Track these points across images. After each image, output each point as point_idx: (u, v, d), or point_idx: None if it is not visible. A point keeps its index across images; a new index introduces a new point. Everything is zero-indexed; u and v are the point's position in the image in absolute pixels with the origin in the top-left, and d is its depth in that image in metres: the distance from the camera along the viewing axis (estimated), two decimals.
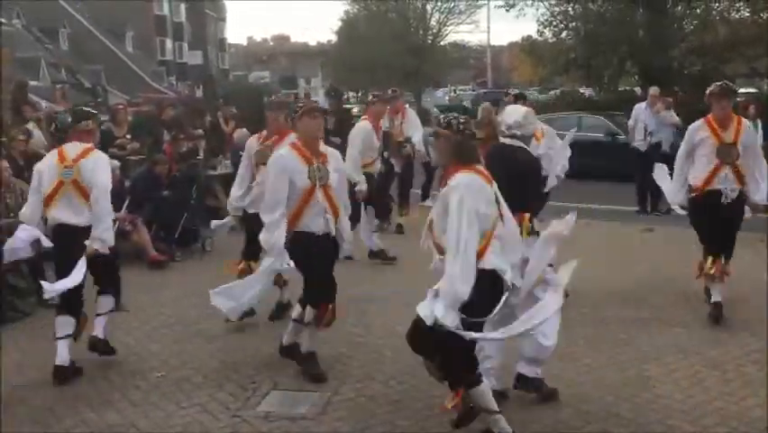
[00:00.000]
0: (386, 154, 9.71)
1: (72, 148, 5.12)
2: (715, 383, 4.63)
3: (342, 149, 11.20)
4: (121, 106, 11.15)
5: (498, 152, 4.51)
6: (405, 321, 5.72)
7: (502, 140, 4.62)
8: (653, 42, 19.91)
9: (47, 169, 5.10)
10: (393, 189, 9.93)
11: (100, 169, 5.06)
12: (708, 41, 20.82)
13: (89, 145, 5.16)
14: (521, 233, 4.20)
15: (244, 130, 9.94)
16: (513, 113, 4.65)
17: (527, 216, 4.36)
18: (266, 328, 5.92)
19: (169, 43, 53.12)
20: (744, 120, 6.01)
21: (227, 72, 62.59)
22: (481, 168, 3.89)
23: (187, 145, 9.98)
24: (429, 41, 44.87)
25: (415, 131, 9.58)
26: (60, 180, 5.01)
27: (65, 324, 5.02)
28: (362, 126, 8.15)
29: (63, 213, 5.01)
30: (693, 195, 5.93)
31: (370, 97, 9.56)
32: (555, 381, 4.72)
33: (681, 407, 4.32)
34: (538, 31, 22.80)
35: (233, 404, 4.55)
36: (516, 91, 7.94)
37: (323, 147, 4.98)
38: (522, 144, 4.55)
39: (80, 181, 4.99)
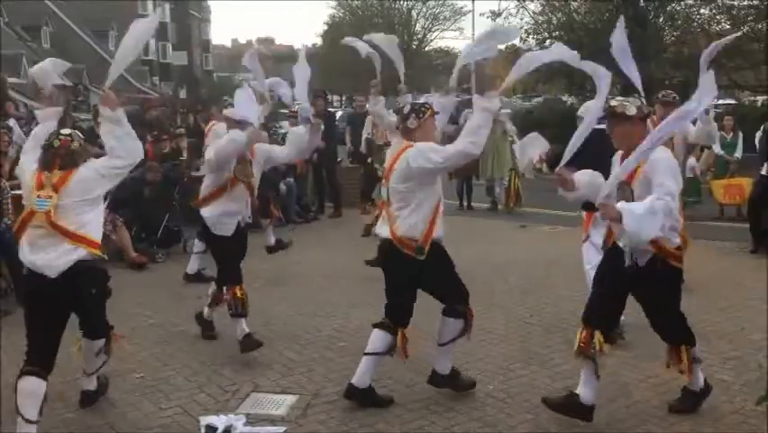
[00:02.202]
0: (370, 160, 9.77)
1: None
2: None
3: (326, 152, 11.32)
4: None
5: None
6: None
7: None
8: (635, 53, 20.08)
9: None
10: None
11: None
12: (688, 53, 21.08)
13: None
14: None
15: None
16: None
17: None
18: None
19: (152, 43, 52.83)
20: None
21: (211, 73, 62.37)
22: None
23: (170, 146, 9.95)
24: (414, 47, 45.04)
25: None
26: None
27: None
28: None
29: None
30: None
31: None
32: (531, 386, 4.78)
33: (657, 413, 4.37)
34: (521, 38, 22.92)
35: (212, 406, 4.55)
36: None
37: None
38: None
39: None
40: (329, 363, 5.22)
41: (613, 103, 4.18)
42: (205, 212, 5.46)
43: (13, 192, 7.55)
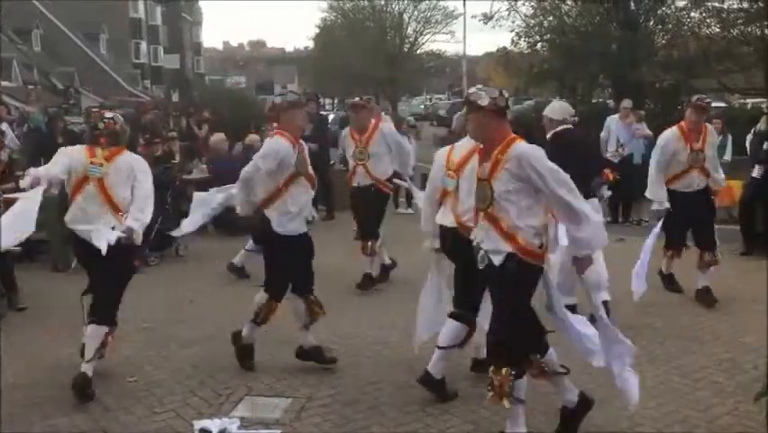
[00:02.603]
0: None
1: None
2: (684, 392, 4.70)
3: (318, 155, 11.30)
4: (96, 110, 11.10)
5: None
6: (378, 328, 5.77)
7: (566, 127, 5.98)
8: (626, 56, 20.20)
9: None
10: None
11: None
12: (678, 56, 21.19)
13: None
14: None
15: (222, 135, 9.92)
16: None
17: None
18: None
19: (143, 46, 52.70)
20: None
21: (203, 76, 62.25)
22: None
23: (162, 149, 9.92)
24: (406, 50, 45.08)
25: None
26: None
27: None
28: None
29: None
30: None
31: None
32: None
33: (651, 414, 4.38)
34: (513, 41, 22.98)
35: (206, 409, 4.53)
36: None
37: None
38: None
39: None
40: (322, 366, 5.20)
41: (470, 90, 4.00)
42: (271, 213, 5.02)
43: (5, 196, 7.50)
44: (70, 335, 5.84)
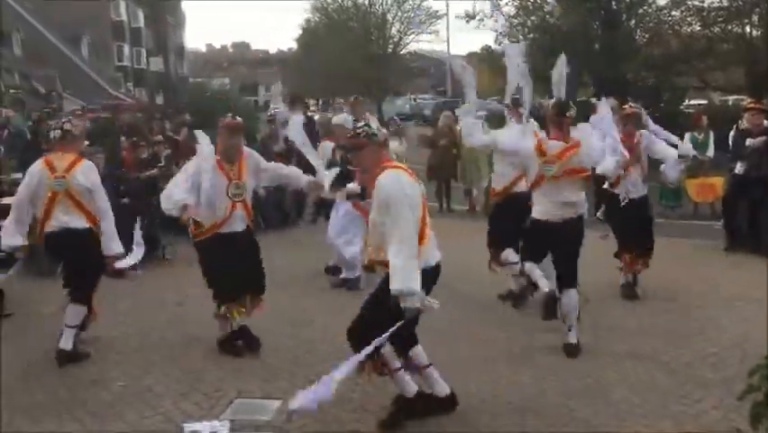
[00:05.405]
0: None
1: None
2: (670, 387, 4.75)
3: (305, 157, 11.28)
4: (79, 112, 11.02)
5: None
6: None
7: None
8: (608, 55, 20.32)
9: None
10: None
11: None
12: (659, 54, 21.35)
13: None
14: None
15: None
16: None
17: None
18: None
19: (126, 49, 52.37)
20: None
21: (186, 79, 61.97)
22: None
23: (148, 152, 9.87)
24: (390, 50, 45.07)
25: None
26: None
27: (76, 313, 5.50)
28: None
29: None
30: None
31: None
32: (518, 386, 4.82)
33: (637, 411, 4.42)
34: (497, 40, 23.05)
35: (197, 413, 4.53)
36: None
37: None
38: None
39: None
40: (311, 368, 5.19)
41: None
42: None
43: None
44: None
